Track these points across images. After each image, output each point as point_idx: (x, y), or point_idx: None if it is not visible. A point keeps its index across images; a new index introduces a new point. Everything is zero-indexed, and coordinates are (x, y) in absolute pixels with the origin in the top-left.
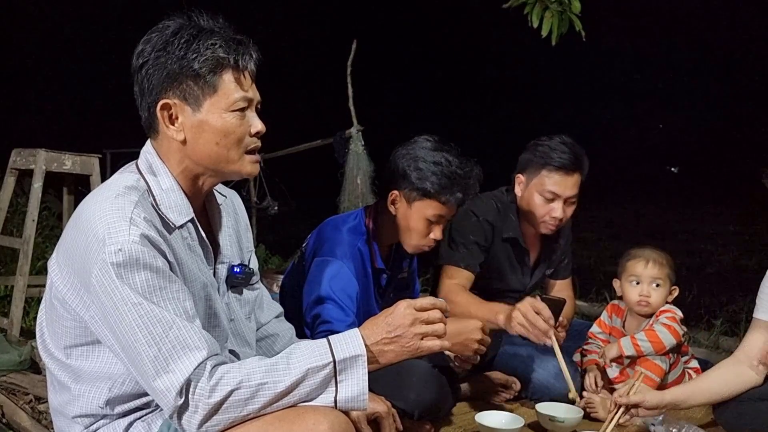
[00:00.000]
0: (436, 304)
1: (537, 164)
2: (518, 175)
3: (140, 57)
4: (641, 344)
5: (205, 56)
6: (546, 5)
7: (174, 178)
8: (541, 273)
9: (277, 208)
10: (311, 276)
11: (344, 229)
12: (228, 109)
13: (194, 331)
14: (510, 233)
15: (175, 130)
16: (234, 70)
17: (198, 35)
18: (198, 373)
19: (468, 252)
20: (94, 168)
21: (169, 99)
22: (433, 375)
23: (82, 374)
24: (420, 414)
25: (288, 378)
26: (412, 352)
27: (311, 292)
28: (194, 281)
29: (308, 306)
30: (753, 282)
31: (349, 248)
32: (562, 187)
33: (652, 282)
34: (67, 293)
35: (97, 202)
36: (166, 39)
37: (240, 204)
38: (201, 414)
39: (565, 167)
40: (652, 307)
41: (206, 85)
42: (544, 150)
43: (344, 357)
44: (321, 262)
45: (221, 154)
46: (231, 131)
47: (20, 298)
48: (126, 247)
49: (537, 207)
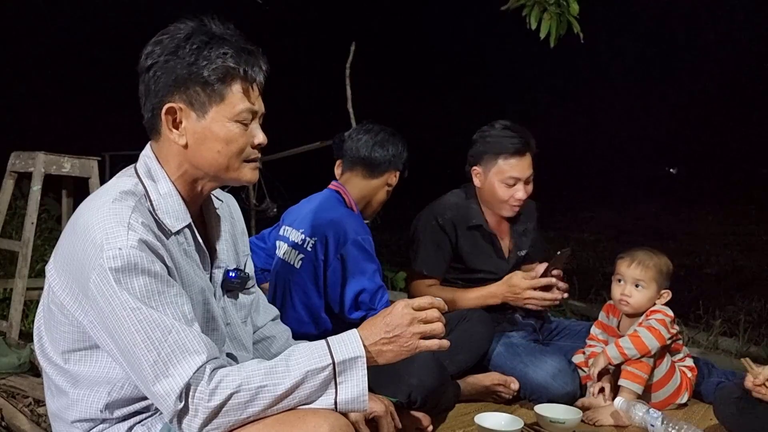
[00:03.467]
0: (434, 303)
1: (491, 154)
2: (474, 168)
3: (149, 57)
4: (627, 351)
5: (215, 64)
6: (544, 7)
7: (172, 182)
8: (516, 255)
9: (276, 210)
10: (358, 259)
11: (344, 211)
12: (232, 119)
13: (193, 335)
14: (474, 221)
15: (178, 135)
16: (243, 81)
17: (209, 42)
18: (197, 377)
19: (427, 257)
20: (93, 171)
21: (174, 103)
22: (434, 361)
23: (80, 379)
24: (422, 401)
25: (288, 380)
26: (410, 352)
27: (364, 271)
28: (192, 285)
29: (369, 284)
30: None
31: (363, 223)
32: (521, 170)
33: (634, 282)
34: (66, 298)
35: (95, 207)
36: (177, 43)
37: (236, 208)
38: (201, 418)
39: (519, 151)
40: (631, 307)
41: (214, 93)
42: (494, 140)
43: (344, 359)
44: (357, 244)
45: (221, 162)
46: (233, 140)
47: (19, 300)
48: (124, 252)
49: (500, 193)
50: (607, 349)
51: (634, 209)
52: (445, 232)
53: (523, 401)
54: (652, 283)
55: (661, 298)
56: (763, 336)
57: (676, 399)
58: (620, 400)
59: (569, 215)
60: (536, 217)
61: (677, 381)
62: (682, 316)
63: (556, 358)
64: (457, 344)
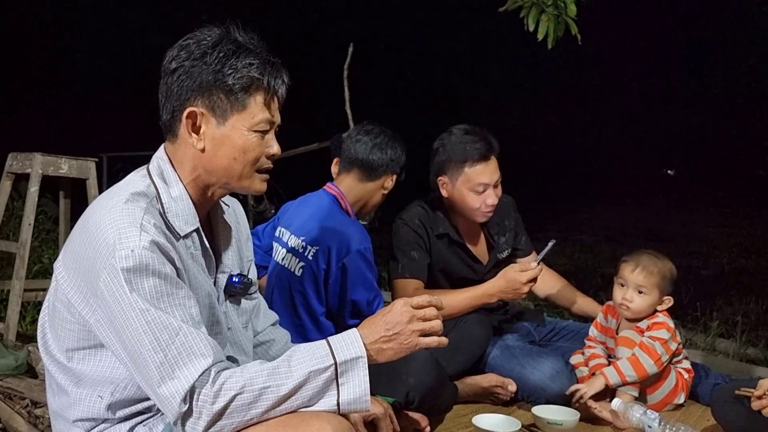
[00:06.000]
0: (432, 301)
1: (456, 162)
2: (440, 179)
3: (174, 61)
4: (628, 377)
5: (240, 73)
6: (542, 9)
7: (184, 186)
8: (496, 257)
9: (274, 211)
10: (361, 269)
11: (345, 220)
12: (252, 128)
13: (200, 337)
14: (440, 230)
15: (197, 139)
16: (265, 92)
17: (237, 51)
18: (203, 379)
19: (409, 261)
20: (90, 172)
21: (196, 108)
22: (432, 361)
23: (83, 378)
24: (420, 401)
25: (290, 381)
26: (410, 349)
27: (365, 281)
28: (199, 289)
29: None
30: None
31: (363, 231)
32: (489, 175)
33: (636, 288)
34: (74, 296)
35: (107, 207)
36: (204, 49)
37: (242, 214)
38: (205, 420)
39: (485, 156)
40: (632, 312)
41: (236, 101)
42: (457, 147)
43: (345, 359)
44: (361, 255)
45: (236, 169)
46: (250, 149)
47: (16, 302)
48: (136, 252)
49: (471, 201)
50: (606, 372)
51: (632, 210)
52: (419, 235)
53: (521, 402)
54: (655, 289)
55: (662, 303)
56: (761, 338)
57: (673, 400)
58: (618, 401)
59: (567, 216)
60: (514, 213)
61: (674, 382)
62: (680, 317)
63: (554, 360)
64: (454, 345)
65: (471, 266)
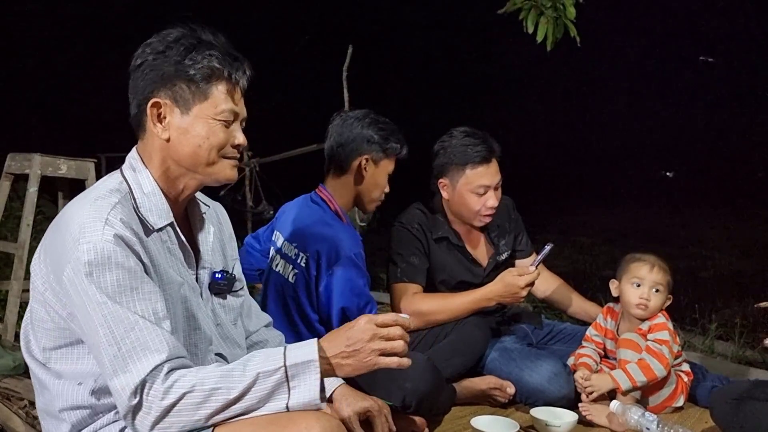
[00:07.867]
0: (398, 320)
1: (457, 165)
2: (440, 181)
3: (139, 57)
4: (639, 382)
5: (201, 64)
6: (541, 11)
7: (155, 181)
8: (496, 260)
9: (272, 212)
10: (350, 275)
11: (335, 225)
12: (215, 117)
13: (156, 333)
14: (440, 233)
15: (162, 129)
16: (227, 82)
17: (197, 45)
18: (154, 375)
19: (408, 265)
20: (89, 172)
21: (160, 98)
22: (429, 365)
23: (64, 375)
24: (416, 405)
25: (241, 384)
26: (369, 368)
27: (354, 287)
28: (171, 284)
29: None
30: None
31: (354, 236)
32: (490, 178)
33: (653, 286)
34: (46, 292)
35: (78, 205)
36: (166, 44)
37: (224, 214)
38: (153, 415)
39: (486, 158)
40: (649, 311)
41: (198, 90)
42: (458, 150)
43: (295, 362)
44: (350, 260)
45: (201, 156)
46: (214, 136)
47: (15, 303)
48: (99, 246)
49: (472, 203)
50: (615, 375)
51: (631, 212)
52: (418, 239)
53: (519, 405)
54: (667, 287)
55: (665, 303)
56: (759, 340)
57: (671, 402)
58: (616, 403)
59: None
60: (513, 214)
61: (673, 385)
62: (678, 319)
63: (552, 362)
64: (452, 348)
65: (470, 269)
